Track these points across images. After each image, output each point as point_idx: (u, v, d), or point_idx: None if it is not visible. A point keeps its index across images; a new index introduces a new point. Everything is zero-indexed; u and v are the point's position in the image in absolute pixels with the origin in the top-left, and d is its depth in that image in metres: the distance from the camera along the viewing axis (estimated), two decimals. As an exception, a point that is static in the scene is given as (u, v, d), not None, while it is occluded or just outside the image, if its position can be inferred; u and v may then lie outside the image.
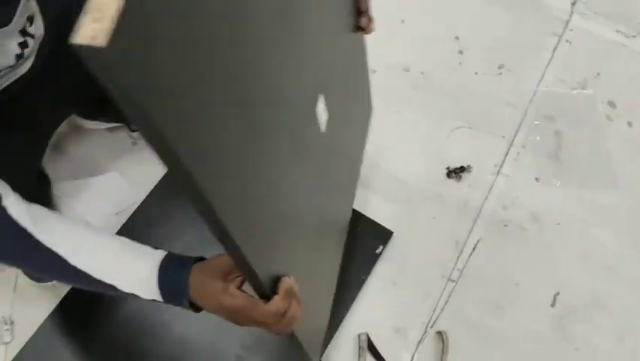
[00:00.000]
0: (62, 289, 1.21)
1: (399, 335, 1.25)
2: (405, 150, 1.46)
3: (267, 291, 0.66)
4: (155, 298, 0.72)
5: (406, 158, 1.44)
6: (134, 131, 1.36)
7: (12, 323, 1.18)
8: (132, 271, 0.72)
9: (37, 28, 0.84)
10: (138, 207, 1.30)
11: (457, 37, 1.61)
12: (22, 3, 0.77)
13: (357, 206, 1.30)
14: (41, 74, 0.88)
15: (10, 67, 0.81)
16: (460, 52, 1.60)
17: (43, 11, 0.84)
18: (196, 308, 0.72)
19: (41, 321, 1.17)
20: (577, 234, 1.39)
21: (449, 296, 1.29)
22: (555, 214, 1.40)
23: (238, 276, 0.70)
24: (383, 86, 1.41)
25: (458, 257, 1.33)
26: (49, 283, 1.20)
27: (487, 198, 1.41)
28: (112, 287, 0.72)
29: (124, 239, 0.75)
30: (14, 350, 1.15)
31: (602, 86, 1.56)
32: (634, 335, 1.28)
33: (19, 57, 0.81)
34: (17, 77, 0.84)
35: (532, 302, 1.31)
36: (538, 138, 1.48)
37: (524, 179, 1.43)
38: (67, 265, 0.71)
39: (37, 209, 0.74)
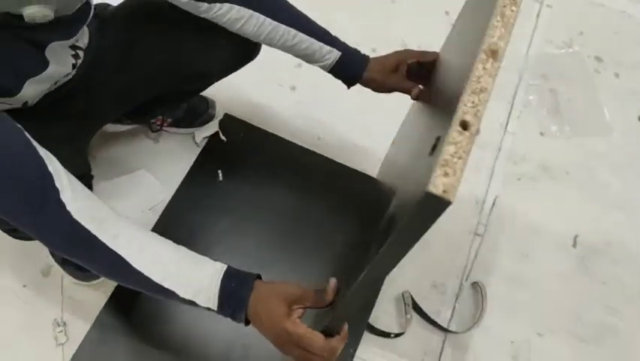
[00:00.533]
0: (109, 286, 1.22)
1: (437, 291, 1.31)
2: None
3: (334, 332, 0.73)
4: (209, 307, 0.76)
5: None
6: (154, 131, 1.39)
7: (64, 324, 1.18)
8: (193, 279, 0.75)
9: (84, 40, 0.94)
10: (169, 202, 1.33)
11: (447, 12, 1.69)
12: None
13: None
14: (84, 77, 0.95)
15: (68, 74, 0.90)
16: (452, 25, 1.68)
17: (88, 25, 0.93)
18: (246, 322, 0.77)
19: (92, 319, 1.18)
20: (585, 179, 1.48)
21: (478, 249, 1.36)
22: (562, 164, 1.49)
23: (300, 308, 0.76)
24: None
25: (480, 213, 1.40)
26: (94, 282, 1.21)
27: (497, 156, 1.49)
28: (172, 293, 0.75)
29: (183, 248, 0.78)
30: (70, 350, 1.16)
31: (586, 43, 1.67)
32: (651, 264, 1.38)
33: (74, 66, 0.91)
34: (68, 79, 0.92)
35: (555, 246, 1.39)
36: (536, 96, 1.58)
37: (529, 135, 1.52)
38: (130, 267, 0.74)
39: (96, 207, 0.75)
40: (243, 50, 1.14)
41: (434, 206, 0.42)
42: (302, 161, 1.41)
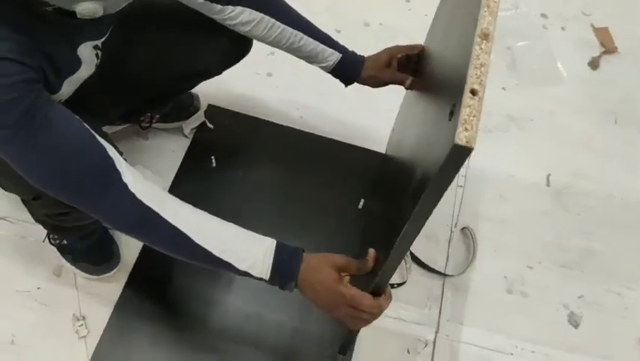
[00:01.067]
0: (121, 277, 1.27)
1: (430, 241, 1.40)
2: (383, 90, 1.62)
3: (381, 292, 0.84)
4: (263, 277, 0.84)
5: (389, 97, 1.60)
6: (144, 128, 1.43)
7: (83, 318, 1.22)
8: (249, 253, 0.84)
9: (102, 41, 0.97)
10: (169, 192, 1.38)
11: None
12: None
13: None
14: (99, 75, 0.98)
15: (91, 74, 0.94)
16: (407, 0, 1.79)
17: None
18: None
19: (110, 310, 1.23)
20: (548, 124, 1.60)
21: (462, 199, 1.46)
22: (526, 113, 1.61)
23: (346, 275, 0.86)
24: (350, 43, 1.57)
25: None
26: (107, 275, 1.25)
27: (467, 114, 1.59)
28: (229, 265, 0.83)
29: (234, 225, 0.87)
30: (93, 342, 1.20)
31: (531, 3, 1.80)
32: (621, 190, 1.50)
33: (96, 66, 0.95)
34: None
35: (531, 187, 1.50)
36: (494, 55, 1.69)
37: (493, 91, 1.63)
38: (191, 242, 0.82)
39: (154, 188, 0.83)
40: (238, 47, 1.21)
41: (460, 154, 0.55)
42: (288, 139, 1.48)
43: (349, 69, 1.17)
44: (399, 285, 1.32)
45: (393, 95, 1.33)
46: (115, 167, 0.80)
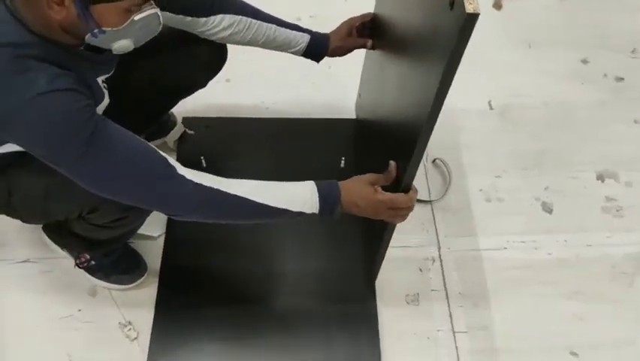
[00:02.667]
0: (153, 279, 1.36)
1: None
2: (337, 66, 1.81)
3: (409, 189, 1.04)
4: (314, 211, 1.00)
5: (344, 71, 1.79)
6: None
7: (129, 323, 1.31)
8: (297, 195, 1.00)
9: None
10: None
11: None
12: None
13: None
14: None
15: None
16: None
17: None
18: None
19: (152, 309, 1.32)
20: (477, 61, 1.80)
21: (425, 139, 1.65)
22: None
23: (378, 186, 1.04)
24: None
25: (414, 113, 1.70)
26: (139, 281, 1.35)
27: (407, 70, 1.81)
28: (285, 211, 0.99)
29: (275, 181, 1.02)
30: (145, 341, 1.29)
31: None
32: (552, 97, 1.75)
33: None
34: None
35: (478, 113, 1.72)
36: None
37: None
38: (252, 202, 0.97)
39: (201, 172, 0.97)
40: (217, 56, 1.35)
41: (472, 21, 0.72)
42: (264, 127, 1.64)
43: (319, 47, 1.33)
44: (395, 219, 1.49)
45: (346, 69, 1.53)
46: (169, 163, 0.95)
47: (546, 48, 1.88)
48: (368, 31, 1.34)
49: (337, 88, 1.71)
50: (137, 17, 0.90)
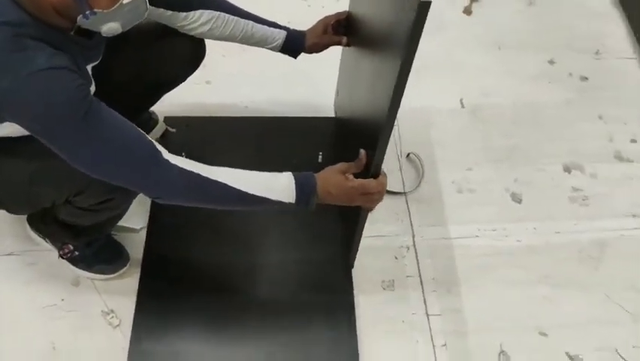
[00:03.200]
0: (135, 269, 1.40)
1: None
2: (315, 65, 1.88)
3: (379, 174, 1.10)
4: (291, 200, 1.05)
5: (321, 70, 1.86)
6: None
7: (112, 311, 1.34)
8: (276, 184, 1.05)
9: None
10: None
11: (296, -7, 2.09)
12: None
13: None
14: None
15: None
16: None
17: None
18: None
19: (134, 298, 1.35)
20: (449, 63, 1.92)
21: (399, 134, 1.72)
22: (429, 57, 1.90)
23: (349, 174, 1.10)
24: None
25: (389, 112, 1.77)
26: (121, 271, 1.39)
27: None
28: (264, 199, 1.04)
29: (254, 171, 1.07)
30: (127, 328, 1.32)
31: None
32: (521, 97, 1.83)
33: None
34: None
35: (450, 112, 1.79)
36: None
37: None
38: (231, 189, 1.02)
39: (186, 159, 1.02)
40: (196, 51, 1.40)
41: (423, 8, 0.78)
42: (244, 125, 1.70)
43: (295, 43, 1.40)
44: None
45: (324, 68, 1.60)
46: (156, 147, 1.00)
47: (514, 50, 1.97)
48: (343, 29, 1.41)
49: (316, 88, 1.77)
50: (125, 1, 0.96)
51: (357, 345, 1.32)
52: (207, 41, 1.59)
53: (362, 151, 1.11)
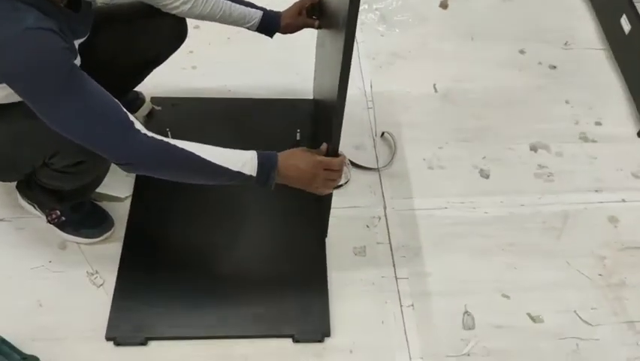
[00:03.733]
0: (119, 235, 1.48)
1: (360, 150, 1.73)
2: (296, 51, 1.97)
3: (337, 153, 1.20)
4: (252, 174, 1.13)
5: (302, 56, 1.95)
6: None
7: (96, 271, 1.42)
8: (239, 157, 1.13)
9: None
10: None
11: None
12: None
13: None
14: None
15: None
16: None
17: None
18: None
19: (117, 260, 1.42)
20: (423, 51, 2.02)
21: (374, 116, 1.81)
22: (404, 48, 2.02)
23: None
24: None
25: (365, 95, 1.87)
26: (106, 235, 1.46)
27: (359, 58, 1.98)
28: (226, 170, 1.11)
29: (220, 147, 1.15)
30: (110, 287, 1.39)
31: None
32: (478, 82, 1.93)
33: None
34: None
35: (423, 95, 1.89)
36: (368, 15, 2.11)
37: (374, 38, 2.05)
38: (197, 157, 1.10)
39: (155, 133, 1.10)
40: (178, 29, 1.49)
41: None
42: (227, 106, 1.79)
43: (271, 23, 1.50)
44: (345, 183, 1.63)
45: (306, 56, 1.69)
46: (129, 117, 1.08)
47: (487, 41, 2.07)
48: (317, 13, 1.51)
49: (298, 74, 1.86)
50: None
51: (327, 304, 1.39)
52: (197, 32, 1.69)
53: (324, 144, 1.22)
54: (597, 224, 1.61)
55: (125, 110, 1.08)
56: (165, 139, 1.09)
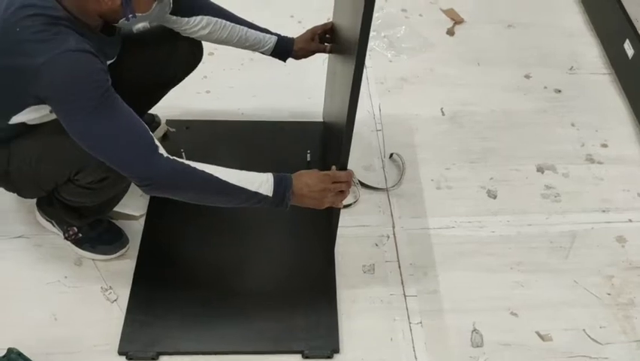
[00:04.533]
0: (133, 252, 1.51)
1: (370, 170, 1.76)
2: (306, 74, 2.03)
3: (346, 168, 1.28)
4: (268, 194, 1.18)
5: (312, 79, 2.00)
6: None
7: (110, 287, 1.45)
8: (255, 178, 1.19)
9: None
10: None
11: (291, 16, 2.27)
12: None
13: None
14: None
15: None
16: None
17: None
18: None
19: (131, 276, 1.46)
20: (431, 76, 2.07)
21: (383, 138, 1.85)
22: (411, 73, 2.07)
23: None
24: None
25: (374, 118, 1.91)
26: (120, 252, 1.50)
27: (368, 83, 2.03)
28: (243, 190, 1.17)
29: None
30: (123, 302, 1.42)
31: (391, 2, 2.33)
32: (497, 105, 1.96)
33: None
34: None
35: (431, 119, 1.92)
36: (377, 42, 2.17)
37: (383, 64, 2.10)
38: (215, 178, 1.16)
39: (178, 158, 1.17)
40: (195, 52, 1.57)
41: (369, 6, 0.92)
42: (240, 128, 1.84)
43: (285, 48, 1.56)
44: (354, 203, 1.66)
45: (316, 79, 1.74)
46: (154, 141, 1.15)
47: (493, 66, 2.12)
48: (329, 39, 1.57)
49: (309, 99, 1.92)
50: (158, 5, 1.16)
51: (337, 321, 1.41)
52: (211, 58, 1.75)
53: (333, 167, 1.28)
54: (605, 244, 1.62)
55: (150, 133, 1.14)
56: (186, 162, 1.15)
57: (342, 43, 1.34)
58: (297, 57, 1.59)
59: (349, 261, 1.54)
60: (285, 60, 1.59)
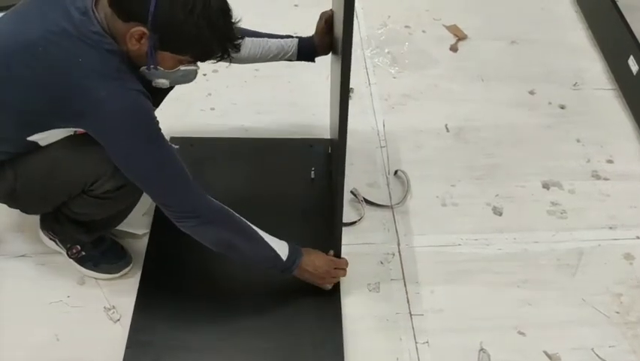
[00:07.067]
0: (137, 271, 1.50)
1: (374, 187, 1.75)
2: (311, 90, 2.02)
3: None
4: (283, 258, 1.32)
5: (317, 96, 2.00)
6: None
7: (113, 307, 1.43)
8: (276, 240, 1.33)
9: None
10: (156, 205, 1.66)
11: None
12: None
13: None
14: None
15: None
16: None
17: None
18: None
19: (134, 296, 1.44)
20: (434, 92, 2.07)
21: (387, 154, 1.84)
22: (415, 89, 2.07)
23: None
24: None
25: (378, 134, 1.91)
26: (124, 271, 1.49)
27: (372, 100, 2.02)
28: (269, 247, 1.31)
29: None
30: (126, 322, 1.40)
31: (395, 20, 2.34)
32: (502, 120, 1.96)
33: None
34: None
35: (435, 135, 1.92)
36: (380, 58, 2.18)
37: (386, 81, 2.10)
38: (249, 227, 1.29)
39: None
40: None
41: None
42: (245, 146, 1.84)
43: (308, 47, 1.52)
44: (359, 220, 1.65)
45: (319, 93, 1.75)
46: (189, 177, 1.22)
47: (497, 82, 2.12)
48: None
49: (314, 114, 1.92)
50: (182, 68, 1.19)
51: (342, 341, 1.39)
52: (215, 76, 1.72)
53: (331, 251, 1.45)
54: (612, 261, 1.60)
55: (188, 171, 1.22)
56: (225, 206, 1.24)
57: (336, 42, 1.32)
58: (322, 53, 1.52)
59: (354, 279, 1.52)
60: (314, 60, 1.55)
